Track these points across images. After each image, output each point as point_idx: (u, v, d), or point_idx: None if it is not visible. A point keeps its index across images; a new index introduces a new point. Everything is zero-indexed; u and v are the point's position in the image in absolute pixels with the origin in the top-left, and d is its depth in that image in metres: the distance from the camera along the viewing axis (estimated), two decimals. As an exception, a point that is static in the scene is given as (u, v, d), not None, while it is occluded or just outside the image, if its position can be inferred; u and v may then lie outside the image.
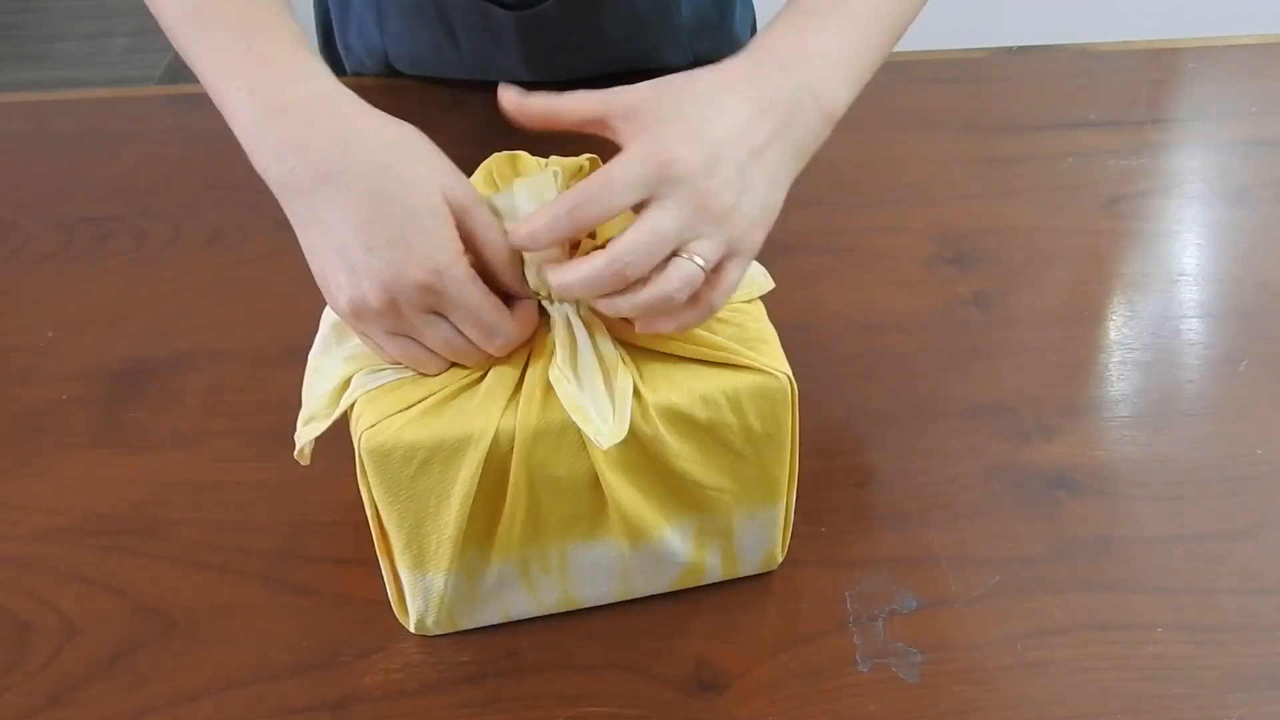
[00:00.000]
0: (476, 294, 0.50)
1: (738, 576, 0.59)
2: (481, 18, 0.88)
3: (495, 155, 0.56)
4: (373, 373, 0.52)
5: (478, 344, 0.51)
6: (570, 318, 0.52)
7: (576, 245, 0.52)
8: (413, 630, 0.57)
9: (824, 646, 0.57)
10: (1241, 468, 0.65)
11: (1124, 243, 0.82)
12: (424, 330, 0.50)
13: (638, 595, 0.58)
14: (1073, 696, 0.54)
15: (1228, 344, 0.74)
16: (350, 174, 0.49)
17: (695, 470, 0.53)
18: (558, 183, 0.51)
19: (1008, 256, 0.80)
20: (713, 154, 0.49)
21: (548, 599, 0.57)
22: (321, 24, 1.00)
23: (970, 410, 0.69)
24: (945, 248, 0.81)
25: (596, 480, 0.52)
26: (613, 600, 0.58)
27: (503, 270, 0.51)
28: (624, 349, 0.53)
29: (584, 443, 0.50)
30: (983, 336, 0.74)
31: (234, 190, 0.87)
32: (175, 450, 0.67)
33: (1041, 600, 0.59)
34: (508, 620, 0.57)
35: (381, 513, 0.52)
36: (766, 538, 0.57)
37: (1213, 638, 0.57)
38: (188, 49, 0.56)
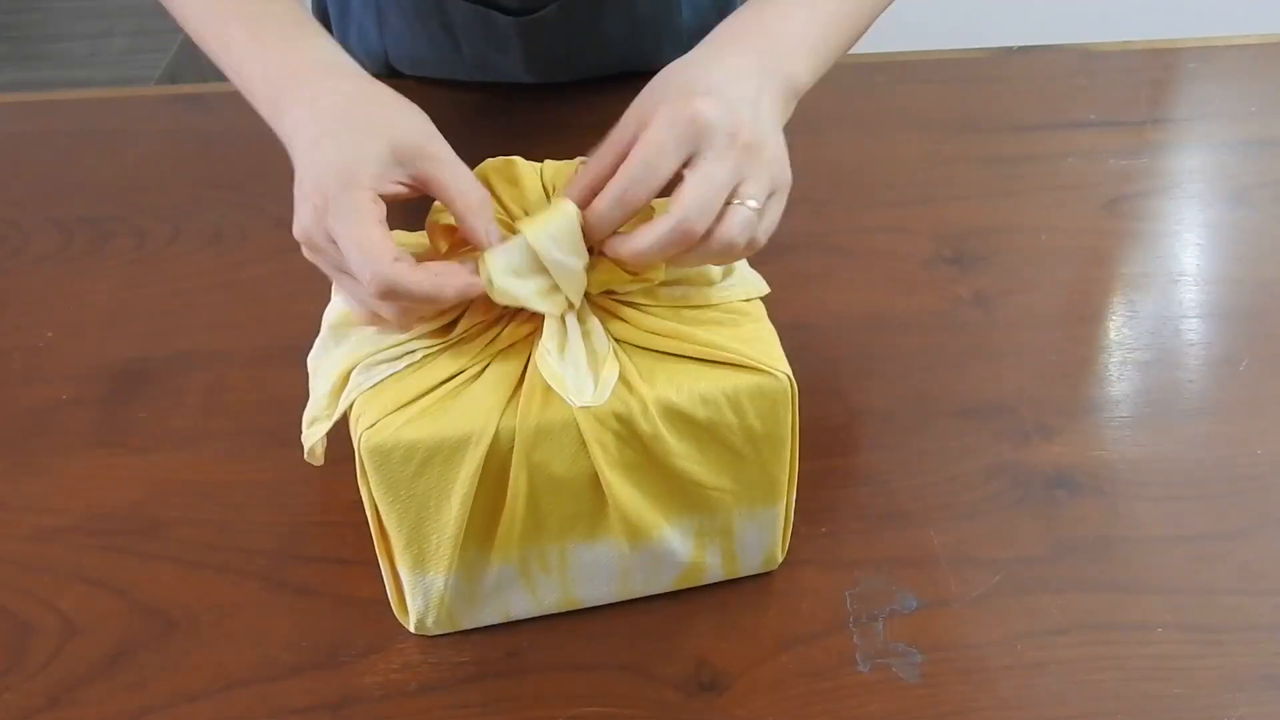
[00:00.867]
0: (366, 217, 0.49)
1: (738, 576, 0.59)
2: (482, 22, 0.88)
3: (488, 161, 0.56)
4: (367, 370, 0.52)
5: (355, 272, 0.49)
6: (567, 319, 0.52)
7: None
8: (413, 630, 0.57)
9: (824, 646, 0.57)
10: (1241, 468, 0.65)
11: (1124, 243, 0.82)
12: (321, 257, 0.52)
13: (638, 595, 0.58)
14: (1073, 696, 0.54)
15: (1228, 344, 0.74)
16: (324, 107, 0.53)
17: (695, 470, 0.53)
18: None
19: (1008, 256, 0.80)
20: (725, 99, 0.51)
21: (548, 599, 0.57)
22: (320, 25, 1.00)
23: (970, 410, 0.69)
24: (945, 248, 0.81)
25: (596, 480, 0.52)
26: (613, 600, 0.58)
27: (469, 216, 0.51)
28: (623, 348, 0.53)
29: (584, 442, 0.50)
30: (983, 336, 0.74)
31: (234, 190, 0.87)
32: (175, 450, 0.67)
33: (1041, 600, 0.59)
34: (508, 620, 0.57)
35: (381, 512, 0.52)
36: (766, 538, 0.57)
37: (1213, 638, 0.57)
38: (212, 49, 0.62)
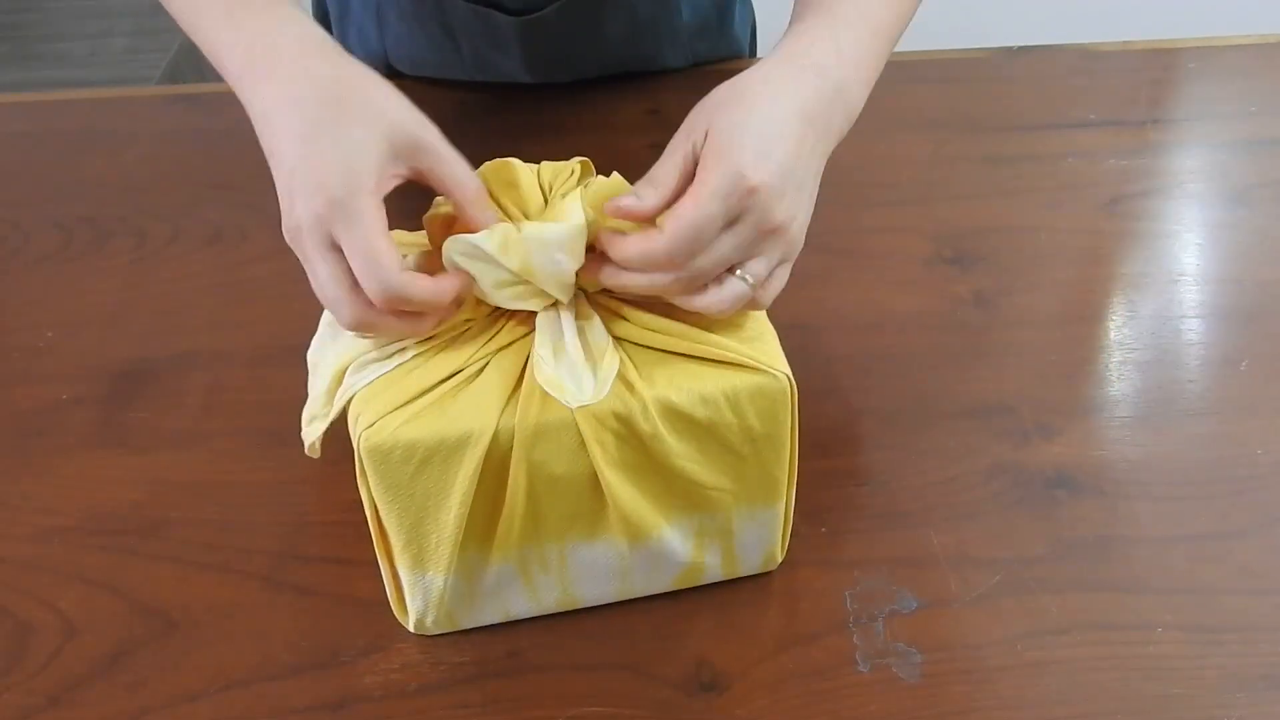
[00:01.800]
0: (373, 226, 0.49)
1: (738, 576, 0.59)
2: (482, 23, 0.88)
3: (486, 164, 0.56)
4: (359, 369, 0.52)
5: (361, 281, 0.49)
6: (561, 312, 0.52)
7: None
8: (412, 630, 0.57)
9: (824, 646, 0.57)
10: (1241, 468, 0.65)
11: (1124, 243, 0.82)
12: (319, 261, 0.50)
13: (637, 595, 0.58)
14: (1073, 696, 0.54)
15: (1228, 344, 0.74)
16: (306, 93, 0.51)
17: (695, 470, 0.53)
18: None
19: (1008, 256, 0.80)
20: (781, 177, 0.51)
21: (547, 599, 0.57)
22: (320, 25, 1.00)
23: (970, 410, 0.69)
24: (945, 248, 0.81)
25: (596, 479, 0.52)
26: (612, 600, 0.58)
27: (468, 206, 0.52)
28: (623, 347, 0.53)
29: (584, 442, 0.50)
30: (983, 336, 0.74)
31: (234, 190, 0.87)
32: (175, 450, 0.67)
33: (1041, 600, 0.58)
34: (507, 620, 0.57)
35: (380, 512, 0.52)
36: (766, 538, 0.57)
37: (1213, 638, 0.57)
38: (193, 29, 0.59)
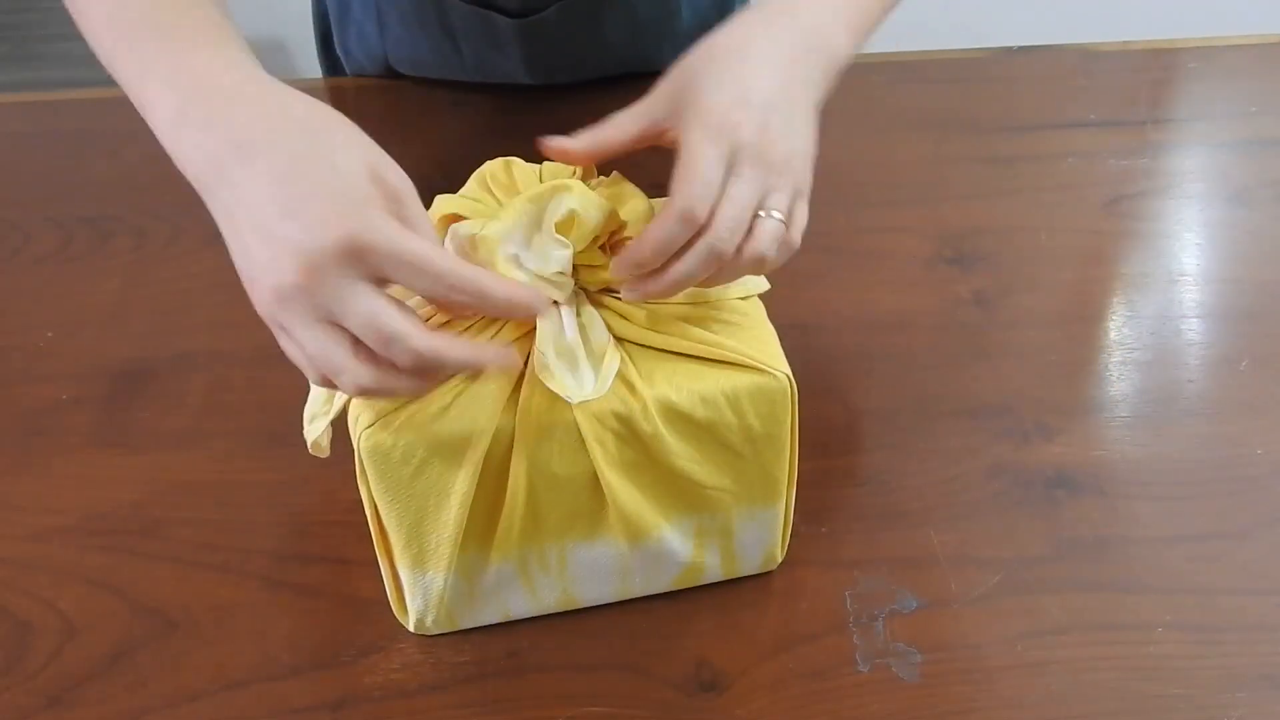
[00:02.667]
0: (418, 243, 0.44)
1: (738, 576, 0.59)
2: (482, 24, 0.88)
3: (489, 163, 0.56)
4: None
5: (399, 338, 0.44)
6: (562, 310, 0.52)
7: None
8: (412, 630, 0.57)
9: (824, 646, 0.57)
10: (1241, 468, 0.65)
11: (1124, 243, 0.82)
12: (349, 307, 0.44)
13: (637, 595, 0.58)
14: (1073, 696, 0.54)
15: (1228, 344, 0.74)
16: (272, 138, 0.46)
17: (694, 470, 0.53)
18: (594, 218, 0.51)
19: (1008, 256, 0.80)
20: (762, 111, 0.52)
21: (547, 598, 0.57)
22: (320, 28, 1.00)
23: (970, 410, 0.69)
24: (945, 248, 0.81)
25: (596, 479, 0.52)
26: (612, 600, 0.58)
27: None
28: (623, 346, 0.53)
29: (584, 442, 0.50)
30: (983, 336, 0.74)
31: (234, 190, 0.86)
32: (175, 450, 0.67)
33: (1041, 600, 0.58)
34: (507, 620, 0.57)
35: (381, 512, 0.52)
36: (766, 537, 0.57)
37: (1213, 638, 0.57)
38: (112, 56, 0.52)
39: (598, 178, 0.56)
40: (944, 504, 0.63)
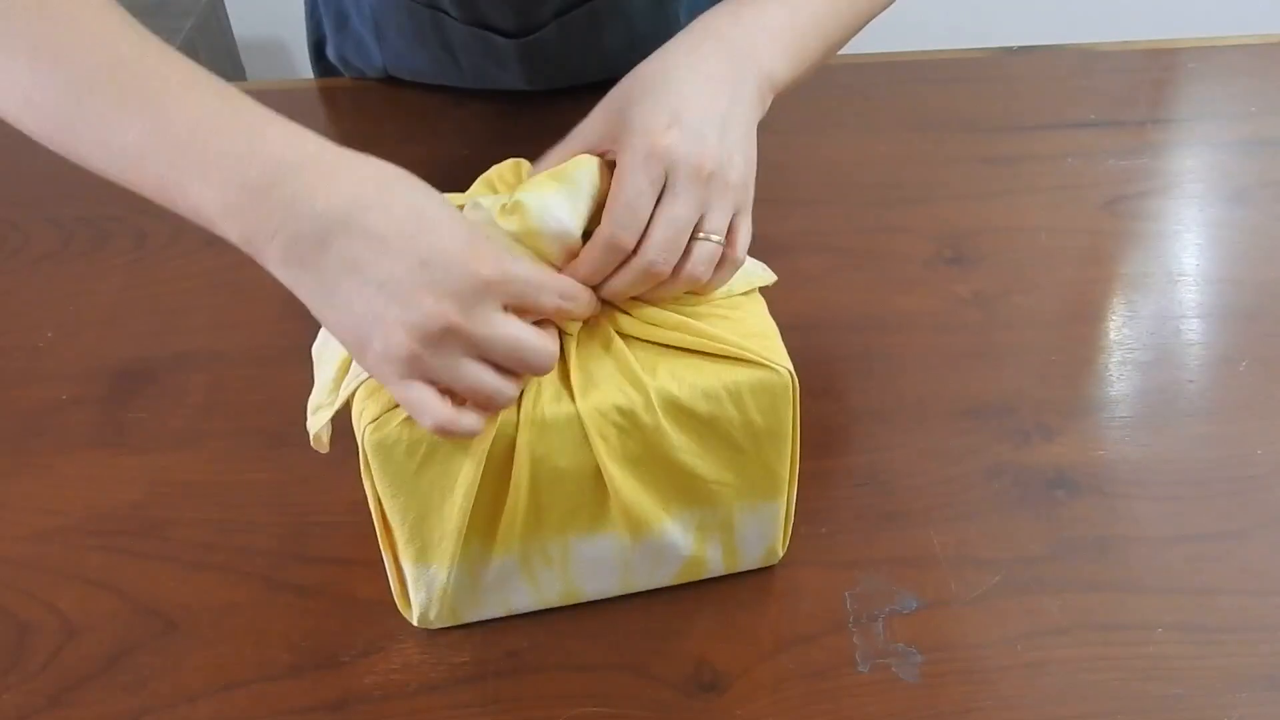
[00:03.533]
0: (531, 266, 0.49)
1: (739, 570, 0.59)
2: (481, 43, 0.89)
3: (498, 165, 0.56)
4: None
5: (540, 353, 0.48)
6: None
7: None
8: (415, 623, 0.57)
9: (824, 646, 0.57)
10: (1241, 468, 0.65)
11: (1124, 243, 0.82)
12: (494, 332, 0.46)
13: (639, 589, 0.58)
14: (1073, 696, 0.54)
15: (1228, 344, 0.74)
16: (384, 195, 0.46)
17: (696, 464, 0.53)
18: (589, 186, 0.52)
19: (1008, 256, 0.80)
20: (695, 130, 0.52)
21: (549, 592, 0.57)
22: (313, 36, 1.00)
23: (970, 410, 0.69)
24: (945, 248, 0.81)
25: (598, 473, 0.52)
26: (614, 594, 0.58)
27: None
28: (626, 342, 0.53)
29: (586, 435, 0.51)
30: (983, 336, 0.74)
31: (234, 190, 0.86)
32: (175, 450, 0.67)
33: (1041, 600, 0.59)
34: (510, 614, 0.57)
35: (385, 506, 0.52)
36: (768, 532, 0.58)
37: (1213, 638, 0.57)
38: (115, 122, 0.48)
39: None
40: (944, 504, 0.63)
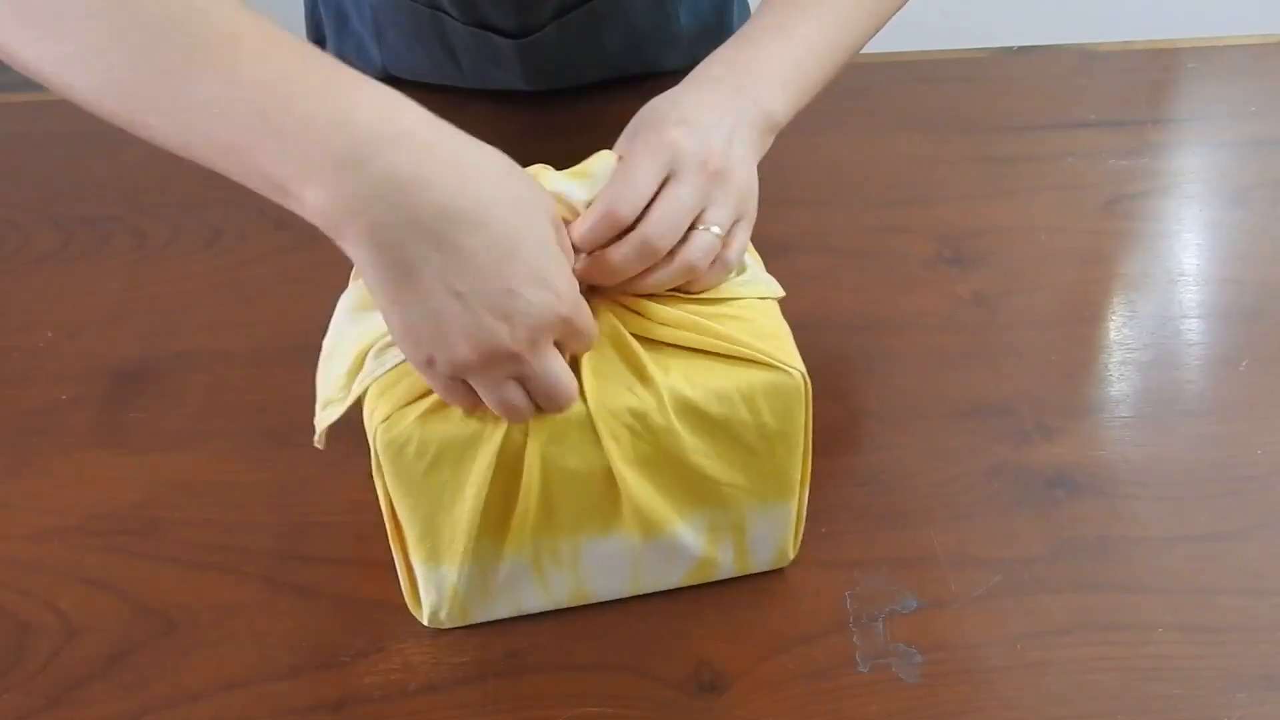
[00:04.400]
0: (591, 320, 0.51)
1: (749, 573, 0.59)
2: (481, 43, 0.89)
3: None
4: (379, 355, 0.52)
5: (569, 395, 0.50)
6: None
7: None
8: (426, 623, 0.57)
9: (824, 646, 0.57)
10: (1241, 468, 0.65)
11: (1124, 243, 0.82)
12: (540, 369, 0.48)
13: (649, 590, 0.58)
14: (1073, 696, 0.54)
15: (1228, 344, 0.74)
16: (485, 209, 0.45)
17: (709, 465, 0.53)
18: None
19: (1008, 256, 0.80)
20: (701, 132, 0.54)
21: (559, 593, 0.57)
22: (313, 37, 1.00)
23: (970, 410, 0.69)
24: (945, 248, 0.81)
25: (610, 474, 0.52)
26: (624, 595, 0.58)
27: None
28: (639, 344, 0.53)
29: (598, 436, 0.51)
30: (983, 336, 0.74)
31: (234, 190, 0.86)
32: (175, 450, 0.67)
33: (1041, 600, 0.58)
34: (520, 614, 0.57)
35: (396, 505, 0.52)
36: (779, 534, 0.58)
37: (1213, 638, 0.57)
38: (184, 79, 0.45)
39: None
40: (944, 504, 0.63)
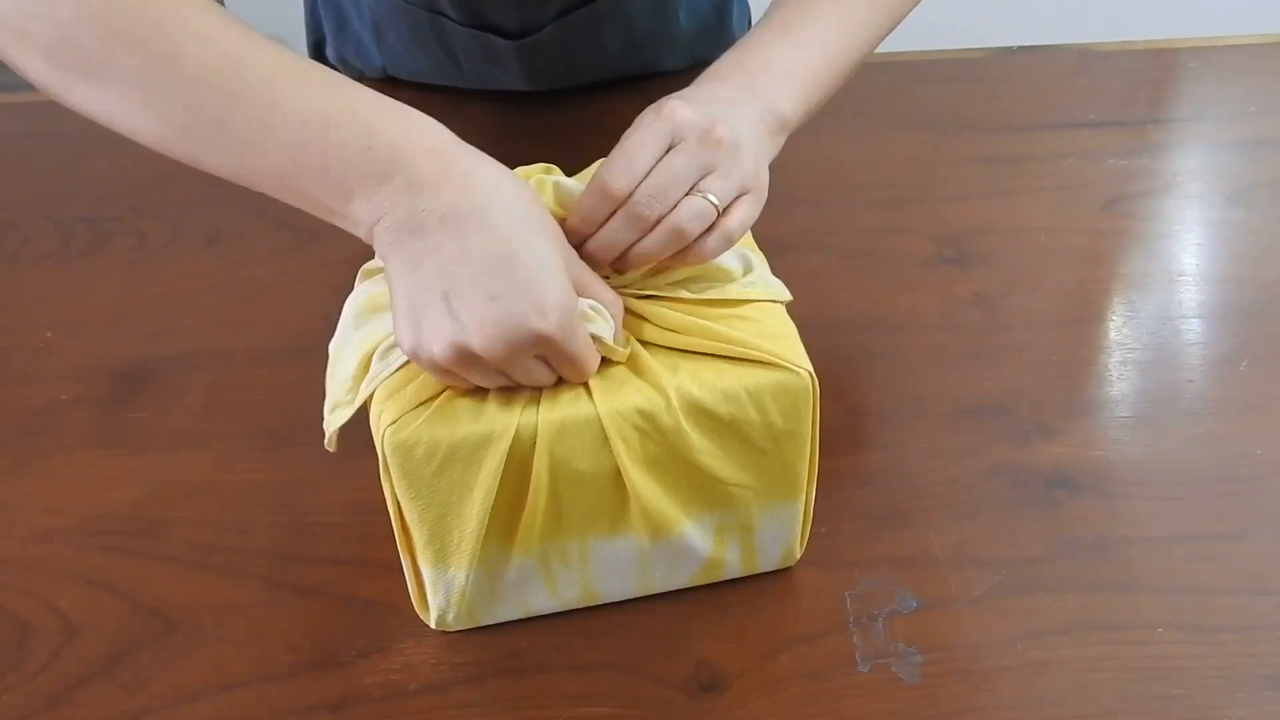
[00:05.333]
0: (587, 341, 0.50)
1: (757, 573, 0.59)
2: (481, 44, 0.89)
3: (527, 166, 0.57)
4: (384, 355, 0.52)
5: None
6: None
7: None
8: (433, 626, 0.57)
9: (824, 646, 0.57)
10: (1241, 468, 0.65)
11: (1124, 243, 0.82)
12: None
13: (657, 591, 0.58)
14: (1073, 696, 0.54)
15: (1228, 344, 0.74)
16: (485, 215, 0.48)
17: (717, 465, 0.53)
18: None
19: (1008, 256, 0.80)
20: (706, 108, 0.53)
21: (568, 594, 0.57)
22: (313, 38, 1.00)
23: (970, 410, 0.69)
24: (945, 248, 0.81)
25: (618, 475, 0.52)
26: (632, 596, 0.58)
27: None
28: (647, 346, 0.53)
29: (606, 437, 0.51)
30: (983, 336, 0.74)
31: (234, 190, 0.86)
32: (175, 450, 0.67)
33: (1041, 600, 0.58)
34: (528, 615, 0.57)
35: (404, 508, 0.52)
36: (786, 534, 0.58)
37: (1213, 638, 0.57)
38: (230, 120, 0.52)
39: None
40: (944, 504, 0.63)
